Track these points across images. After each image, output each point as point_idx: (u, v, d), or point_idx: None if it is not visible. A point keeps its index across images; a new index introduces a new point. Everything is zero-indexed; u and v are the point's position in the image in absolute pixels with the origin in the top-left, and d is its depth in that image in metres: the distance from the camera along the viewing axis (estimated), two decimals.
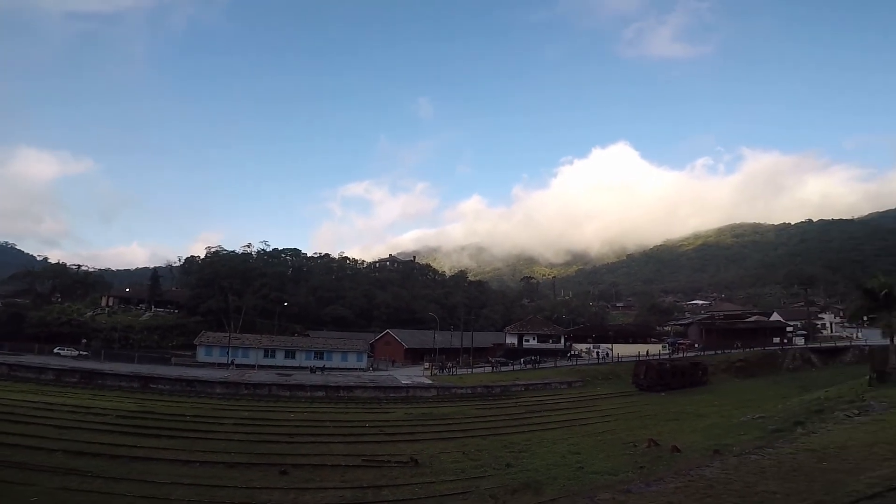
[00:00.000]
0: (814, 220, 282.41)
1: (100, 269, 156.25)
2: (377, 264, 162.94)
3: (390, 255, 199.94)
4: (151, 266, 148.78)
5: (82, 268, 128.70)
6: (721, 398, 43.14)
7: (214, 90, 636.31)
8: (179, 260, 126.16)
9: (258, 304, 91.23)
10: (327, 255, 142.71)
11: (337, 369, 66.05)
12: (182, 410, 34.82)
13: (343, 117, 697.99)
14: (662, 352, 72.92)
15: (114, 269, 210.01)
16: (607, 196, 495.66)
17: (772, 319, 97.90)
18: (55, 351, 63.54)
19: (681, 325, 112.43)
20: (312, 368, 64.08)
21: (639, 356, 63.20)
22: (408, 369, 70.42)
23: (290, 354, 70.19)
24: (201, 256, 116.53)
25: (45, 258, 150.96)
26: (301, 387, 47.42)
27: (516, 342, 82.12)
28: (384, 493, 18.12)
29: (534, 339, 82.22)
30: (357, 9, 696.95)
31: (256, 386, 46.79)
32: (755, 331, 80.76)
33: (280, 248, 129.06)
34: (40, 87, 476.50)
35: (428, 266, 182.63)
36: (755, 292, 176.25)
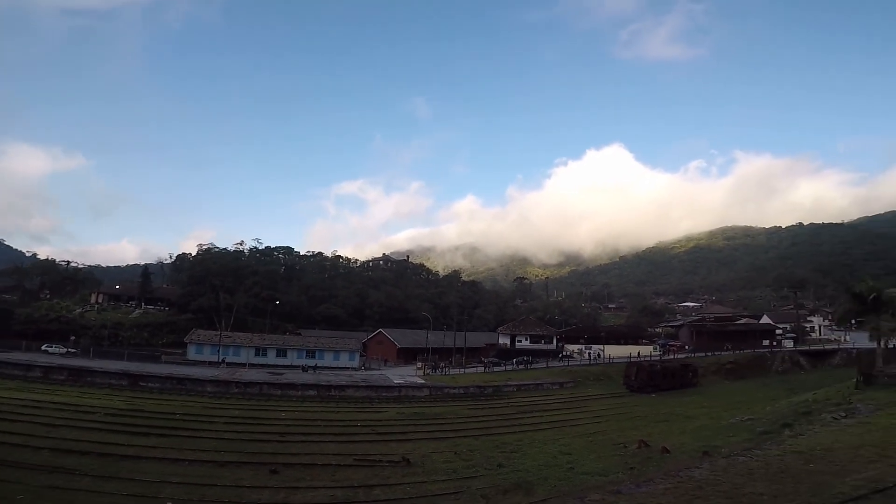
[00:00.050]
0: (804, 224, 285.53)
1: (89, 266, 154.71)
2: (370, 263, 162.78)
3: (384, 254, 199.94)
4: (142, 263, 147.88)
5: (72, 264, 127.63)
6: (711, 400, 43.51)
7: (209, 87, 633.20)
8: (171, 257, 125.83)
9: (250, 303, 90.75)
10: (320, 253, 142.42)
11: (329, 368, 65.82)
12: (172, 409, 34.60)
13: (338, 115, 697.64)
14: (653, 353, 73.32)
15: (104, 265, 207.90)
16: (601, 197, 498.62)
17: (761, 322, 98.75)
18: (43, 348, 62.76)
19: (672, 326, 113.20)
20: (304, 367, 63.82)
21: (630, 357, 63.54)
22: (400, 369, 70.32)
23: (282, 353, 69.87)
24: (193, 254, 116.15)
25: (33, 254, 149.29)
26: (292, 385, 47.22)
27: (509, 342, 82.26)
28: (375, 493, 18.11)
29: (526, 339, 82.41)
30: (354, 7, 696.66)
31: (247, 384, 46.54)
32: (745, 333, 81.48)
33: (272, 247, 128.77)
34: (33, 82, 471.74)
35: (421, 265, 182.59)
36: (746, 295, 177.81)
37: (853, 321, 61.33)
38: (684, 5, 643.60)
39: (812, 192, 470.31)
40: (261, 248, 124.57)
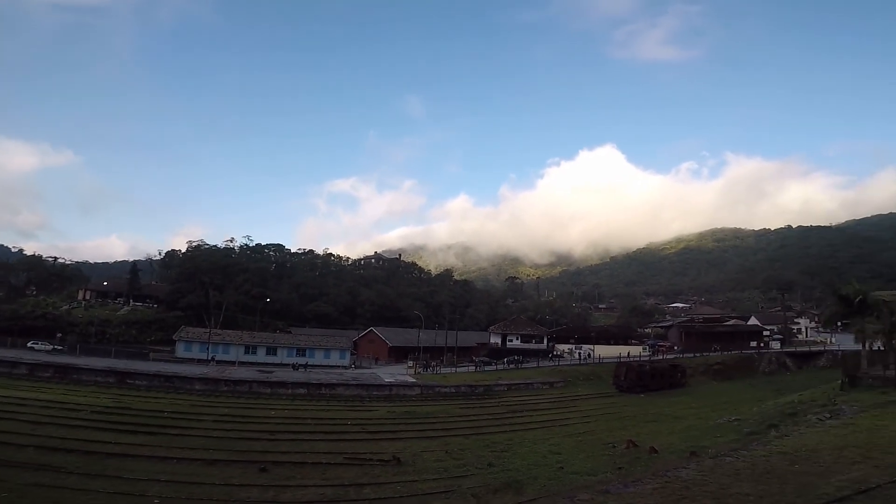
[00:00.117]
0: (793, 227, 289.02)
1: (77, 262, 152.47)
2: (362, 261, 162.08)
3: (375, 252, 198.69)
4: (131, 259, 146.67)
5: (59, 260, 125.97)
6: (699, 400, 43.93)
7: (200, 84, 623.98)
8: (160, 254, 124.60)
9: (240, 300, 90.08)
10: (311, 251, 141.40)
11: (319, 366, 65.62)
12: (160, 406, 34.32)
13: (331, 113, 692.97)
14: (643, 354, 73.88)
15: (91, 261, 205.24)
16: (593, 198, 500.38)
17: (749, 323, 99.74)
18: (29, 345, 62.01)
19: (661, 327, 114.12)
20: (294, 365, 63.56)
21: (619, 357, 63.97)
22: (391, 367, 70.26)
23: (272, 351, 69.49)
24: (182, 250, 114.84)
25: (20, 250, 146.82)
26: (282, 384, 47.01)
27: (500, 342, 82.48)
28: (366, 492, 18.09)
29: (517, 339, 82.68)
30: (348, 5, 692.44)
31: (237, 382, 46.27)
32: (733, 334, 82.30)
33: (263, 244, 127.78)
34: (21, 77, 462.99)
35: (413, 264, 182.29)
36: (734, 296, 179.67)
37: (839, 323, 62.22)
38: (679, 7, 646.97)
39: (801, 194, 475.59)
40: (251, 245, 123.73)
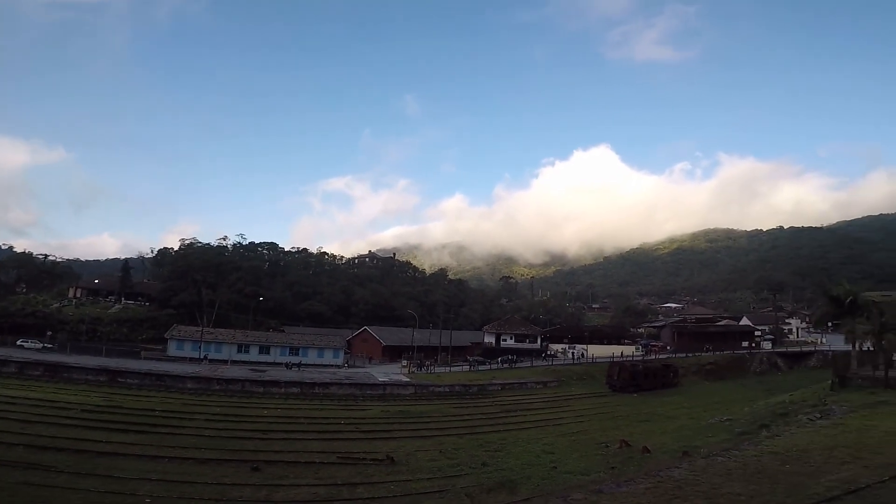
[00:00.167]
0: (785, 228, 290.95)
1: (68, 260, 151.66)
2: (356, 260, 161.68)
3: (370, 251, 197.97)
4: (122, 257, 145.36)
5: (49, 258, 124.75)
6: (691, 400, 44.19)
7: (195, 82, 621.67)
8: (152, 251, 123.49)
9: (233, 299, 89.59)
10: (305, 249, 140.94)
11: (313, 366, 65.36)
12: (151, 405, 34.06)
13: (327, 111, 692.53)
14: (636, 353, 74.20)
15: (83, 259, 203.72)
16: (587, 198, 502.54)
17: (741, 324, 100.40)
18: (18, 343, 61.44)
19: (654, 327, 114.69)
20: (288, 364, 63.30)
21: (613, 357, 64.15)
22: (385, 367, 70.14)
23: (265, 350, 69.12)
24: (175, 248, 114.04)
25: (10, 247, 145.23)
26: (275, 383, 46.79)
27: (494, 341, 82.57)
28: (359, 491, 18.05)
29: (511, 338, 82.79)
30: (345, 3, 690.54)
31: (229, 381, 46.00)
32: (725, 335, 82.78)
33: (257, 242, 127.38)
34: (14, 74, 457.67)
35: (408, 263, 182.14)
36: (727, 297, 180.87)
37: (830, 324, 62.82)
38: (675, 7, 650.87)
39: (793, 195, 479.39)
40: (245, 243, 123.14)
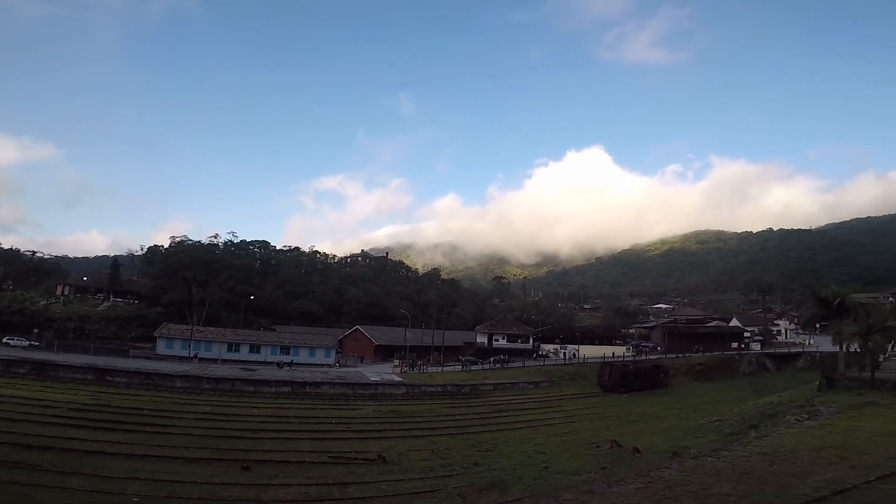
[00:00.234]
0: (774, 230, 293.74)
1: (56, 257, 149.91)
2: (349, 259, 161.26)
3: (362, 250, 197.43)
4: (111, 254, 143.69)
5: (37, 254, 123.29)
6: (681, 401, 44.46)
7: (188, 80, 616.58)
8: (142, 249, 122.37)
9: (223, 297, 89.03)
10: (297, 248, 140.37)
11: (304, 365, 65.09)
12: (139, 404, 33.70)
13: (321, 110, 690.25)
14: (626, 354, 74.63)
15: (71, 256, 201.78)
16: (579, 199, 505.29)
17: (731, 325, 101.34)
18: (4, 340, 60.66)
19: (645, 328, 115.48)
20: (279, 363, 63.00)
21: (604, 358, 64.44)
22: (377, 366, 69.99)
23: (256, 349, 68.75)
24: (165, 246, 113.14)
25: None
26: (266, 382, 46.51)
27: (486, 341, 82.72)
28: (350, 491, 17.98)
29: (503, 338, 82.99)
30: (341, 2, 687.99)
31: (219, 380, 45.64)
32: (715, 335, 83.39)
33: (248, 240, 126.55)
34: (4, 69, 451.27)
35: (401, 263, 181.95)
36: (717, 298, 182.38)
37: (818, 325, 63.31)
38: (669, 9, 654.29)
39: (783, 197, 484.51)
40: (236, 241, 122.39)
